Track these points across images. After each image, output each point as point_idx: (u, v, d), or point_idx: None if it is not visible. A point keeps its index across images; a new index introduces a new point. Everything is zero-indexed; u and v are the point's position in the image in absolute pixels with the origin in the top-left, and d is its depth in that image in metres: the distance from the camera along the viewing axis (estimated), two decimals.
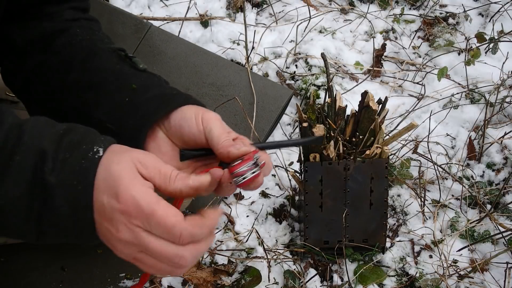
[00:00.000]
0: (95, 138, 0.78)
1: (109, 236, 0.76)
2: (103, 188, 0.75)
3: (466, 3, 2.31)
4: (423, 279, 1.59)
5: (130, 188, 0.74)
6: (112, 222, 0.74)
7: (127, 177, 0.74)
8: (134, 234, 0.74)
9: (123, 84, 0.96)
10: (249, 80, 1.94)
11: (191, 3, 2.29)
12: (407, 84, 2.10)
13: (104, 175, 0.75)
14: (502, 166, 1.86)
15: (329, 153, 1.48)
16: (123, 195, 0.73)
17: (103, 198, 0.74)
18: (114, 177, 0.74)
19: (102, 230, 0.77)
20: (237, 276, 1.59)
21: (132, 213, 0.73)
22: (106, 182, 0.75)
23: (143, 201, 0.73)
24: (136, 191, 0.74)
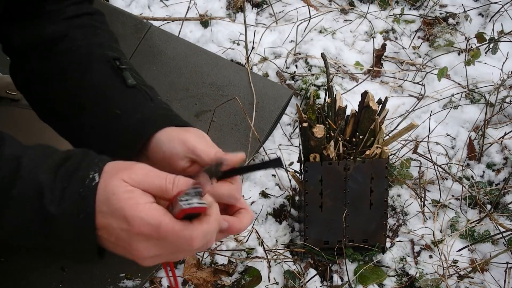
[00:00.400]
0: (90, 162, 0.79)
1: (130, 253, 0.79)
2: (108, 212, 0.76)
3: (466, 3, 2.31)
4: (423, 279, 1.59)
5: (135, 210, 0.76)
6: (131, 244, 0.77)
7: (128, 199, 0.76)
8: (156, 247, 0.77)
9: (109, 107, 0.98)
10: (249, 80, 1.94)
11: (191, 3, 2.29)
12: (407, 84, 2.10)
13: (105, 200, 0.76)
14: (502, 166, 1.86)
15: (329, 153, 1.48)
16: (131, 219, 0.75)
17: (111, 222, 0.76)
18: (116, 202, 0.76)
19: (118, 249, 0.80)
20: (237, 276, 1.59)
21: (145, 232, 0.75)
22: (110, 206, 0.76)
23: (149, 218, 0.75)
24: (142, 210, 0.76)
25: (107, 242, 0.79)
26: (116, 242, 0.78)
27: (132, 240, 0.76)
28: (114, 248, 0.80)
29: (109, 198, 0.76)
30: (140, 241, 0.76)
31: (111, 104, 0.98)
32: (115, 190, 0.76)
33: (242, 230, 0.90)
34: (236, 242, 1.66)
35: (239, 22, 2.25)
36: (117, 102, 0.98)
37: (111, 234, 0.77)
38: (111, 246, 0.79)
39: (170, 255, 0.79)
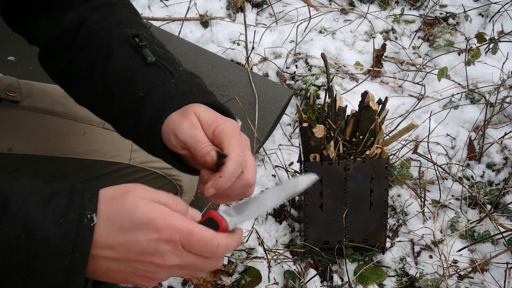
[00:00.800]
0: (83, 200, 0.77)
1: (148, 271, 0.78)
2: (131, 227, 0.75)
3: (466, 3, 2.31)
4: (423, 279, 1.59)
5: (165, 218, 0.76)
6: (157, 255, 0.76)
7: (155, 210, 0.76)
8: (181, 256, 0.77)
9: (135, 90, 0.97)
10: (249, 80, 1.94)
11: (191, 3, 2.29)
12: (407, 84, 2.10)
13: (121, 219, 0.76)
14: (502, 166, 1.86)
15: (329, 153, 1.48)
16: (163, 226, 0.75)
17: (136, 236, 0.75)
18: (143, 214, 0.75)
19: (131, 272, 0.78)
20: (237, 276, 1.59)
21: (176, 238, 0.75)
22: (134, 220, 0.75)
23: (181, 225, 0.76)
24: (171, 218, 0.76)
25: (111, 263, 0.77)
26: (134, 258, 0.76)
27: (159, 250, 0.76)
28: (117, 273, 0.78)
29: (132, 212, 0.75)
30: (167, 251, 0.76)
31: (136, 86, 0.97)
32: (136, 204, 0.75)
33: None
34: None
35: (239, 22, 2.25)
36: (140, 83, 0.97)
37: (131, 250, 0.76)
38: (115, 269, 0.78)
39: (189, 268, 0.79)
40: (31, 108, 1.25)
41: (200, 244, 0.76)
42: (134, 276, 0.79)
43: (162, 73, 0.99)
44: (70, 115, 1.28)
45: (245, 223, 0.82)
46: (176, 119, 0.91)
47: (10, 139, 1.19)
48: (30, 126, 1.23)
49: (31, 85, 1.30)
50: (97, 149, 1.28)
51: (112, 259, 0.77)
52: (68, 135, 1.26)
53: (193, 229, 0.76)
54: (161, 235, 0.75)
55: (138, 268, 0.77)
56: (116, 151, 1.31)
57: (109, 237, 0.76)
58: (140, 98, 0.96)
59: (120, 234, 0.75)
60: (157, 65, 0.99)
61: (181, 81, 0.98)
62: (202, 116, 0.91)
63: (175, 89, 0.96)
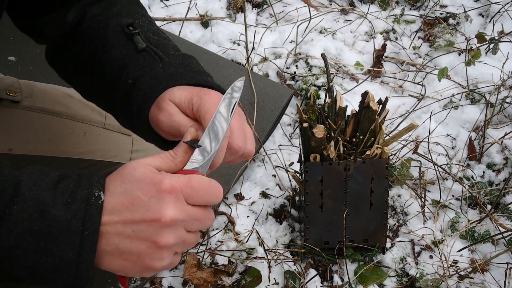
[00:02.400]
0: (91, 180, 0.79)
1: (154, 232, 0.78)
2: (132, 188, 0.77)
3: (467, 3, 2.31)
4: (424, 280, 1.59)
5: (163, 173, 0.78)
6: (160, 209, 0.77)
7: (152, 171, 0.79)
8: (182, 208, 0.78)
9: (125, 78, 0.99)
10: (249, 79, 1.94)
11: (191, 4, 2.29)
12: (408, 84, 2.10)
13: (122, 180, 0.78)
14: (503, 166, 1.86)
15: (329, 154, 1.48)
16: (164, 178, 0.77)
17: (137, 194, 0.77)
18: (141, 173, 0.78)
19: (139, 237, 0.78)
20: (237, 276, 1.59)
21: (177, 187, 0.77)
22: (133, 180, 0.78)
23: (178, 176, 0.78)
24: (169, 174, 0.79)
25: (120, 232, 0.78)
26: (139, 218, 0.77)
27: (162, 203, 0.77)
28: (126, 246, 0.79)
29: (131, 174, 0.78)
30: (169, 202, 0.77)
31: (127, 74, 0.99)
32: (134, 167, 0.78)
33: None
34: (237, 242, 1.66)
35: (240, 23, 2.25)
36: (131, 71, 0.99)
37: (136, 211, 0.77)
38: (123, 238, 0.78)
39: (193, 224, 0.80)
40: (32, 108, 1.25)
41: (203, 187, 0.79)
42: (143, 245, 0.78)
43: (151, 58, 0.99)
44: (71, 115, 1.28)
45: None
46: (154, 113, 0.92)
47: (10, 139, 1.19)
48: (30, 127, 1.23)
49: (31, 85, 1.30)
50: (97, 149, 1.29)
51: (120, 227, 0.78)
52: (68, 135, 1.26)
53: (191, 176, 0.79)
54: (162, 186, 0.77)
55: (146, 230, 0.77)
56: (116, 151, 1.31)
57: (114, 204, 0.77)
58: (130, 85, 0.97)
59: (123, 197, 0.77)
60: (147, 51, 1.00)
61: (169, 64, 0.98)
62: (177, 98, 0.91)
63: (163, 72, 0.96)
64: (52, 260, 0.76)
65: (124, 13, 1.05)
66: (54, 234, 0.75)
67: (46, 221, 0.75)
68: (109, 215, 0.77)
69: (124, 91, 0.98)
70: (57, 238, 0.75)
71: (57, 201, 0.76)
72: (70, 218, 0.75)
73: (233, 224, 1.71)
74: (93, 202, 0.77)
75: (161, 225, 0.77)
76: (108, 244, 0.78)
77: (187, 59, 1.02)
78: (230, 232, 1.69)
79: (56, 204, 0.76)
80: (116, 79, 1.00)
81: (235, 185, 1.78)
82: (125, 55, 1.00)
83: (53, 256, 0.76)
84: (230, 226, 1.70)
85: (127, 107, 0.99)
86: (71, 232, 0.75)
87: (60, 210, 0.76)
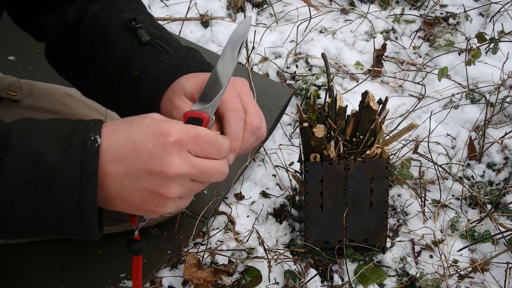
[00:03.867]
0: (87, 125, 0.78)
1: (158, 184, 0.77)
2: (137, 133, 0.76)
3: (467, 3, 2.31)
4: (424, 279, 1.59)
5: (172, 123, 0.78)
6: (165, 158, 0.76)
7: (162, 121, 0.78)
8: (189, 161, 0.77)
9: (130, 71, 0.99)
10: (249, 79, 1.94)
11: (191, 3, 2.29)
12: (408, 84, 2.10)
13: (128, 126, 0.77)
14: (503, 166, 1.86)
15: (329, 153, 1.48)
16: (171, 129, 0.76)
17: (142, 140, 0.76)
18: (150, 121, 0.78)
19: (142, 187, 0.77)
20: (237, 276, 1.59)
21: (184, 140, 0.76)
22: (142, 126, 0.77)
23: (188, 128, 0.78)
24: (177, 123, 0.78)
25: (122, 179, 0.76)
26: (142, 167, 0.76)
27: (165, 154, 0.75)
28: (129, 191, 0.77)
29: (140, 120, 0.78)
30: (174, 154, 0.75)
31: (132, 67, 0.99)
32: (145, 116, 0.78)
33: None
34: (237, 242, 1.66)
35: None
36: (136, 63, 0.99)
37: (139, 158, 0.75)
38: (126, 185, 0.77)
39: (199, 176, 0.79)
40: (32, 107, 1.25)
41: (209, 143, 0.78)
42: (147, 194, 0.77)
43: (156, 50, 1.00)
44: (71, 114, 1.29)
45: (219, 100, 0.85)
46: (168, 108, 0.93)
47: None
48: None
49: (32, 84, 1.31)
50: None
51: (122, 173, 0.76)
52: None
53: (199, 130, 0.78)
54: (168, 138, 0.75)
55: (149, 181, 0.76)
56: None
57: (116, 148, 0.76)
58: (135, 77, 0.98)
59: (127, 141, 0.76)
60: (151, 44, 1.01)
61: (175, 56, 1.00)
62: (188, 88, 0.92)
63: (169, 63, 0.97)
64: (54, 208, 0.74)
65: (125, 10, 1.06)
66: (51, 182, 0.73)
67: (41, 170, 0.73)
68: (110, 160, 0.75)
69: (129, 84, 0.98)
70: (55, 185, 0.74)
71: (52, 147, 0.74)
72: (66, 164, 0.73)
73: (233, 223, 1.71)
74: (89, 145, 0.75)
75: (165, 177, 0.76)
76: (110, 190, 0.76)
77: (191, 51, 1.03)
78: (230, 232, 1.69)
79: (51, 151, 0.74)
80: (120, 73, 1.00)
81: (235, 185, 1.78)
82: (129, 49, 1.01)
83: (54, 204, 0.74)
84: (230, 225, 1.70)
85: (132, 100, 0.98)
86: (68, 179, 0.74)
87: (55, 157, 0.74)
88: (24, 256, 1.55)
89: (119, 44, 1.02)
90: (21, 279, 1.52)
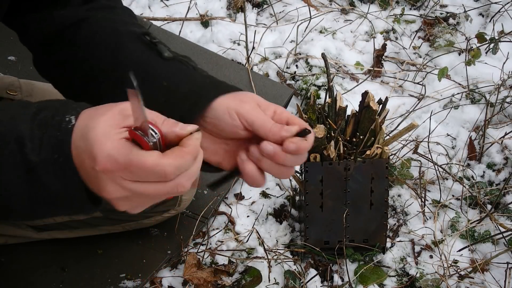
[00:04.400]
0: (67, 108, 0.78)
1: (105, 196, 0.76)
2: (83, 149, 0.75)
3: (467, 3, 2.31)
4: (424, 279, 1.59)
5: (103, 147, 0.73)
6: (99, 183, 0.74)
7: (100, 137, 0.74)
8: (124, 188, 0.74)
9: (153, 80, 0.97)
10: (249, 79, 1.94)
11: (191, 3, 2.29)
12: (408, 84, 2.10)
13: (82, 136, 0.75)
14: (503, 166, 1.86)
15: (329, 153, 1.48)
16: (99, 156, 0.73)
17: (85, 161, 0.74)
18: (89, 141, 0.74)
19: (97, 191, 0.78)
20: (237, 276, 1.59)
21: (111, 169, 0.73)
22: (85, 142, 0.74)
23: (118, 155, 0.73)
24: (110, 147, 0.73)
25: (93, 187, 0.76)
26: (92, 182, 0.76)
27: (100, 180, 0.74)
28: (96, 191, 0.77)
29: (87, 133, 0.74)
30: (106, 180, 0.73)
31: (154, 76, 0.97)
32: (95, 124, 0.74)
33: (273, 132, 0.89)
34: (237, 242, 1.66)
35: (240, 22, 2.25)
36: (161, 74, 0.97)
37: (87, 174, 0.75)
38: (93, 188, 0.77)
39: (143, 197, 0.76)
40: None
41: (143, 169, 0.73)
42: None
43: (185, 67, 0.99)
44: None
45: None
46: (232, 100, 0.92)
47: None
48: None
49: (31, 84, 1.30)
50: None
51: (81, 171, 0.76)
52: None
53: (131, 158, 0.72)
54: (98, 166, 0.73)
55: (100, 191, 0.77)
56: None
57: (77, 140, 0.75)
58: (163, 87, 0.96)
59: (76, 151, 0.75)
60: (177, 60, 1.00)
61: (206, 76, 0.99)
62: (258, 100, 0.93)
63: (204, 81, 0.97)
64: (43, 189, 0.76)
65: (131, 24, 1.06)
66: (34, 165, 0.75)
67: (25, 154, 0.75)
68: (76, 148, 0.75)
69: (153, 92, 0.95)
70: (38, 169, 0.75)
71: (34, 134, 0.75)
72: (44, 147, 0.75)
73: (233, 224, 1.71)
74: (63, 127, 0.75)
75: (106, 195, 0.76)
76: (84, 173, 0.76)
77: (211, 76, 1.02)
78: (230, 232, 1.69)
79: (33, 137, 0.75)
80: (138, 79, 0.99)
81: (235, 185, 1.78)
82: (148, 61, 0.99)
83: (43, 187, 0.76)
84: (230, 226, 1.70)
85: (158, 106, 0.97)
86: (48, 162, 0.74)
87: (34, 142, 0.75)
88: (24, 256, 1.55)
89: (134, 53, 1.00)
90: (21, 279, 1.52)
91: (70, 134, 0.75)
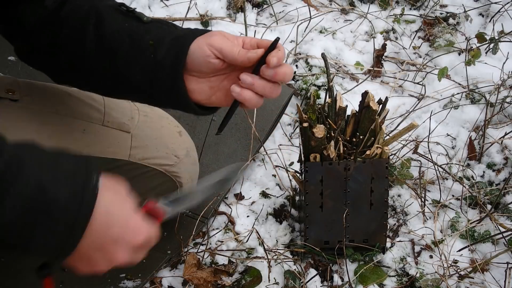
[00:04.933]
0: (89, 169, 0.86)
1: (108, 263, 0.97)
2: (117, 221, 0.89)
3: (467, 3, 2.31)
4: (424, 279, 1.58)
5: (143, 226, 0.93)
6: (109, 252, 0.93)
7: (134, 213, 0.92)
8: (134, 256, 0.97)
9: (140, 43, 1.05)
10: None
11: (191, 3, 2.29)
12: (408, 84, 2.10)
13: (105, 215, 0.88)
14: (503, 166, 1.86)
15: (329, 153, 1.48)
16: (139, 236, 0.93)
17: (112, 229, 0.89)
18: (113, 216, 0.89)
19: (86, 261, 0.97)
20: (237, 276, 1.59)
21: (142, 243, 0.95)
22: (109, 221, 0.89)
23: (148, 233, 0.97)
24: (143, 226, 0.94)
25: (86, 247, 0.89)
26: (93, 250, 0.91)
27: (110, 248, 0.91)
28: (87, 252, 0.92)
29: (123, 203, 0.91)
30: (119, 248, 0.91)
31: (138, 39, 1.05)
32: (119, 203, 0.89)
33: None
34: (237, 242, 1.66)
35: (240, 22, 2.25)
36: (145, 36, 1.05)
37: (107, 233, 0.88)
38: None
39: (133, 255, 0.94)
40: (31, 106, 1.25)
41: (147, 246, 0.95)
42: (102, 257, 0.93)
43: (165, 25, 1.08)
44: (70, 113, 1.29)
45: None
46: (203, 38, 1.03)
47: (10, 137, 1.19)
48: (29, 125, 1.23)
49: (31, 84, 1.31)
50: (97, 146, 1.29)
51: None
52: (67, 133, 1.26)
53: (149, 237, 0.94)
54: (135, 242, 0.94)
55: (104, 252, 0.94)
56: (115, 147, 1.31)
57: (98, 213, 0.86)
58: (150, 45, 1.04)
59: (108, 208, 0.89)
60: (156, 21, 1.09)
61: (184, 29, 1.10)
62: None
63: (184, 31, 1.07)
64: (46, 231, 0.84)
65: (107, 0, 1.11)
66: (53, 211, 0.82)
67: (47, 199, 0.81)
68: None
69: (141, 52, 1.04)
70: (54, 214, 0.82)
71: (58, 182, 0.83)
72: (69, 199, 0.83)
73: (233, 224, 1.71)
74: (91, 188, 0.85)
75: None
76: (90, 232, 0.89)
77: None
78: (230, 232, 1.69)
79: (58, 184, 0.82)
80: (125, 45, 1.05)
81: (235, 185, 1.78)
82: (130, 27, 1.06)
83: (48, 227, 0.83)
84: (230, 226, 1.70)
85: (148, 62, 1.04)
86: (68, 210, 0.83)
87: (60, 191, 0.82)
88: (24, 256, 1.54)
89: (114, 24, 1.07)
90: (21, 279, 1.51)
91: (95, 198, 0.86)
